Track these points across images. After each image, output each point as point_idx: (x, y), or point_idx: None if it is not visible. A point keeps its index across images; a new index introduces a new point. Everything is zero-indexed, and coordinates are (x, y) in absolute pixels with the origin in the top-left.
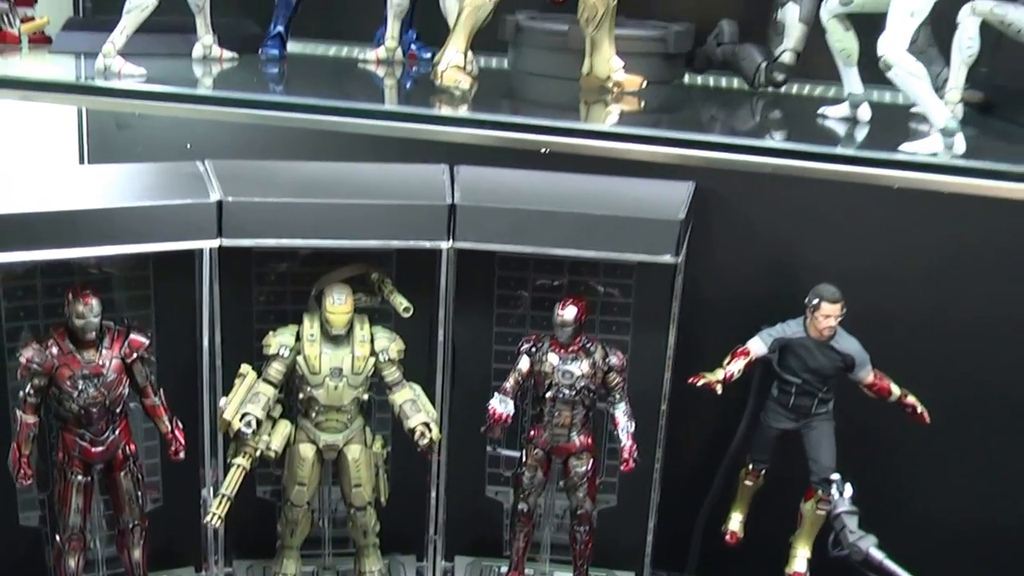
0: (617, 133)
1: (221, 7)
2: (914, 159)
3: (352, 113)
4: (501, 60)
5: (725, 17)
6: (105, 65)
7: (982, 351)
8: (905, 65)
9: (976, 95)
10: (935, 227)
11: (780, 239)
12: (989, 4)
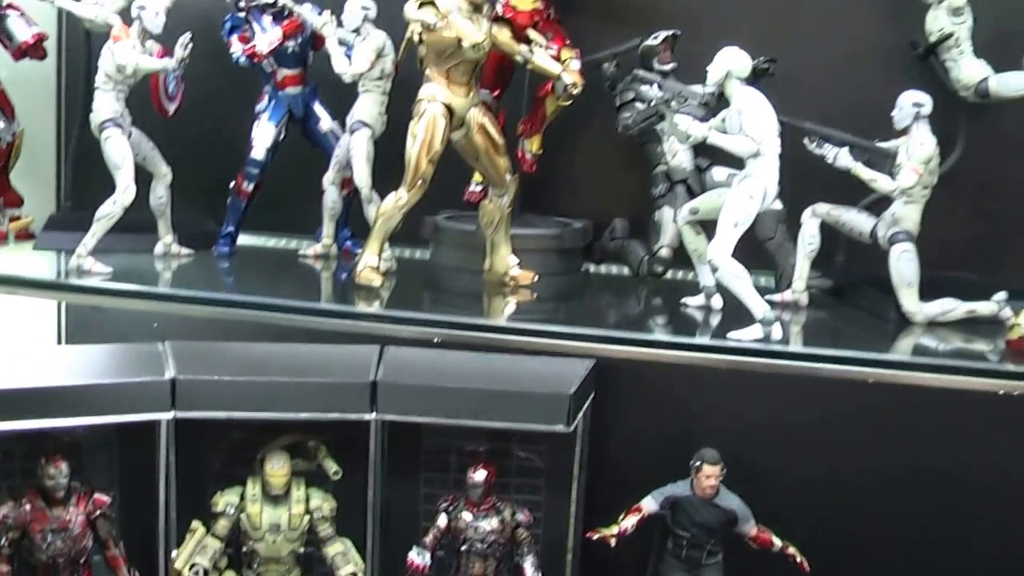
0: (504, 327)
1: (182, 204)
2: (737, 345)
3: (286, 310)
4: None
5: (619, 216)
6: (78, 265)
7: (852, 505)
8: (729, 268)
9: (826, 283)
10: (804, 393)
11: (676, 405)
12: (826, 207)
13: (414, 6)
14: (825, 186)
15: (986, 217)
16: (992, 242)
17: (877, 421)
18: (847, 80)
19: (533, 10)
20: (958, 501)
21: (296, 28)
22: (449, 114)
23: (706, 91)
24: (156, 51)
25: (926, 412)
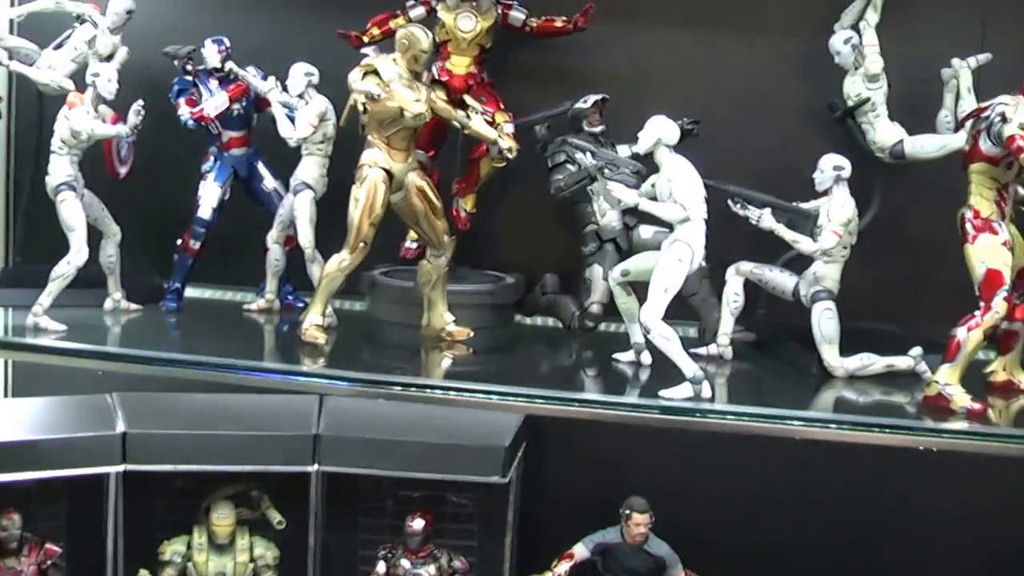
0: (440, 386)
1: (130, 259)
2: (668, 404)
3: (231, 368)
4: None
5: (550, 271)
6: (35, 323)
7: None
8: (659, 330)
9: (748, 336)
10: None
11: (606, 455)
12: (749, 266)
13: (358, 76)
14: (748, 243)
15: (904, 270)
16: (910, 294)
17: (806, 472)
18: (770, 140)
19: (468, 74)
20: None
21: (242, 92)
22: (389, 178)
23: (635, 161)
24: (109, 116)
25: (852, 463)
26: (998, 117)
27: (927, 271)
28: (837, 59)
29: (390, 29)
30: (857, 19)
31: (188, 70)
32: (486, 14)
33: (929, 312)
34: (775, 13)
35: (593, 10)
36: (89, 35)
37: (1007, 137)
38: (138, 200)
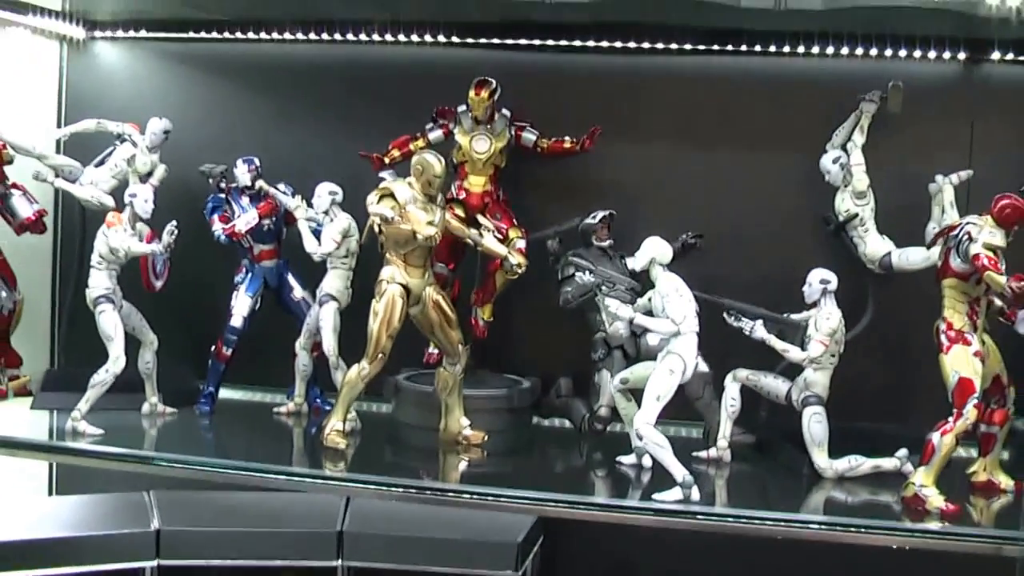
0: (456, 490)
1: (167, 360)
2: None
3: (261, 471)
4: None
5: (563, 375)
6: (73, 427)
7: None
8: (651, 437)
9: (748, 439)
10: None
11: (618, 550)
12: (745, 372)
13: (374, 199)
14: (746, 351)
15: (895, 372)
16: (902, 395)
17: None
18: (770, 251)
19: (484, 192)
20: None
21: (271, 210)
22: (407, 293)
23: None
24: (146, 234)
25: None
26: (965, 236)
27: (917, 373)
28: (827, 177)
29: (410, 151)
30: (846, 139)
31: (221, 188)
32: (500, 136)
33: (921, 411)
34: (774, 130)
35: (599, 132)
36: (129, 154)
37: (972, 255)
38: (175, 307)
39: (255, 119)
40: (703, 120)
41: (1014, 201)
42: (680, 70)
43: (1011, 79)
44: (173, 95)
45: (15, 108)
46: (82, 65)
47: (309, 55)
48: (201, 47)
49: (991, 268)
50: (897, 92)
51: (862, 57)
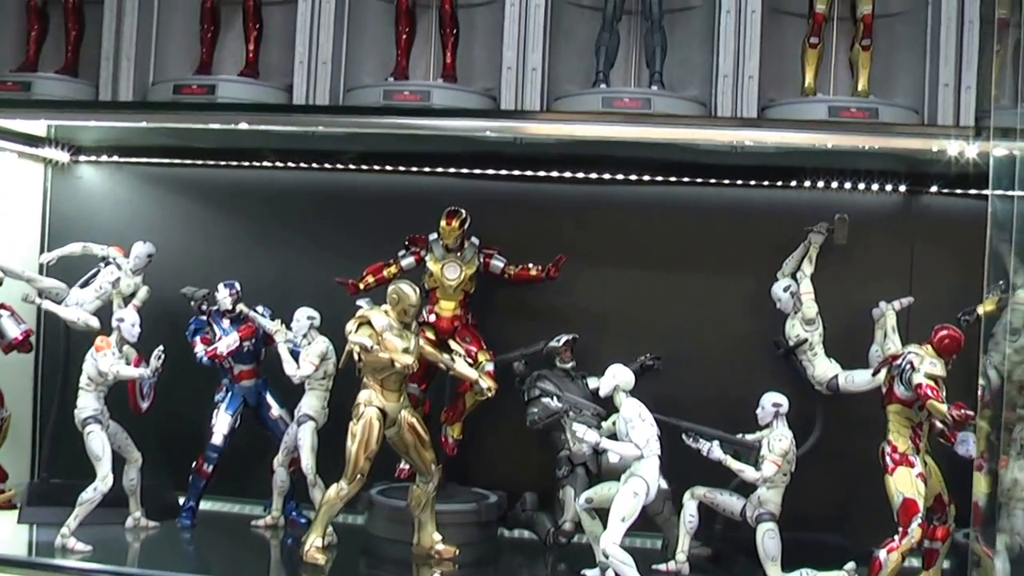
0: None
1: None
2: None
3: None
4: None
5: (529, 489)
6: (62, 544)
7: None
8: (617, 556)
9: (705, 551)
10: None
11: None
12: (703, 490)
13: (353, 327)
14: (703, 469)
15: (844, 487)
16: (851, 508)
17: None
18: (723, 372)
19: (454, 316)
20: None
21: (251, 332)
22: (383, 416)
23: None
24: (133, 357)
25: None
26: (908, 365)
27: (862, 488)
28: (778, 304)
29: (383, 277)
30: (795, 268)
31: (203, 310)
32: (469, 263)
33: (865, 524)
34: (727, 257)
35: (564, 261)
36: (113, 276)
37: (915, 384)
38: (158, 424)
39: (234, 242)
40: (661, 247)
41: (952, 332)
42: (640, 199)
43: (949, 209)
44: (155, 218)
45: (2, 229)
46: (66, 187)
47: (287, 181)
48: (182, 172)
49: (933, 397)
50: (843, 224)
51: (810, 189)
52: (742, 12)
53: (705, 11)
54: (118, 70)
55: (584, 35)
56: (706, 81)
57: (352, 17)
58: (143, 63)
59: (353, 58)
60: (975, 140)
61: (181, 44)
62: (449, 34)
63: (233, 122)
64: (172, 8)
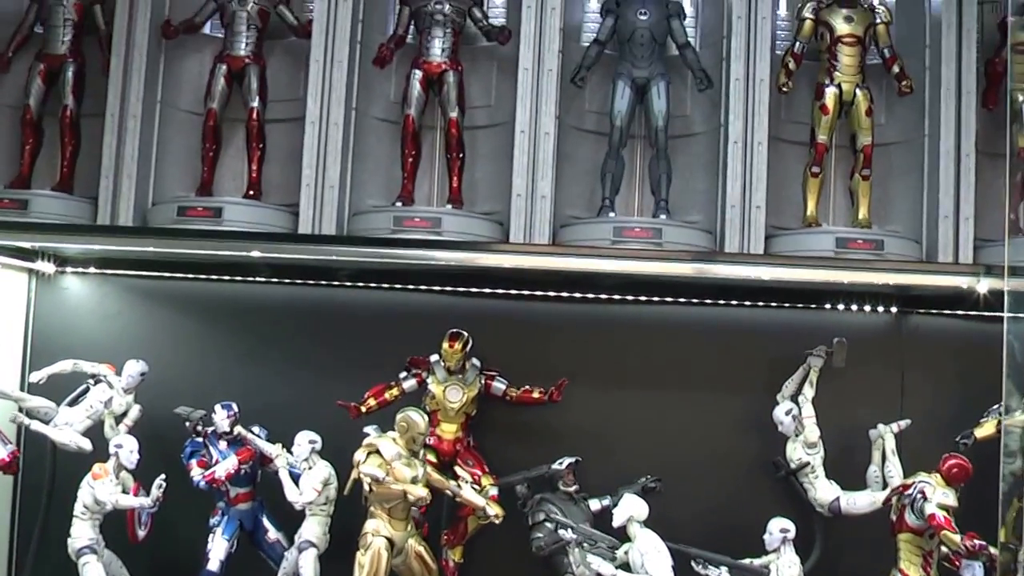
0: None
1: None
2: None
3: None
4: None
5: None
6: None
7: None
8: None
9: None
10: None
11: None
12: None
13: (362, 457)
14: None
15: None
16: None
17: None
18: (723, 493)
19: (456, 439)
20: None
21: (250, 456)
22: (390, 545)
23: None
24: (132, 485)
25: None
26: (920, 495)
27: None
28: (780, 428)
29: (385, 400)
30: (795, 391)
31: (199, 432)
32: (471, 386)
33: None
34: (722, 376)
35: (567, 384)
36: (105, 396)
37: (928, 514)
38: (151, 549)
39: (228, 359)
40: (659, 366)
41: (960, 461)
42: (639, 319)
43: (939, 330)
44: (144, 332)
45: None
46: (51, 299)
47: (283, 296)
48: (173, 285)
49: (947, 527)
50: (842, 348)
51: (802, 309)
52: (748, 143)
53: (708, 137)
54: (118, 188)
55: (587, 159)
56: (710, 207)
57: (358, 139)
58: (143, 181)
59: (358, 181)
60: (986, 277)
61: (181, 162)
62: (455, 158)
63: (243, 250)
64: (173, 126)
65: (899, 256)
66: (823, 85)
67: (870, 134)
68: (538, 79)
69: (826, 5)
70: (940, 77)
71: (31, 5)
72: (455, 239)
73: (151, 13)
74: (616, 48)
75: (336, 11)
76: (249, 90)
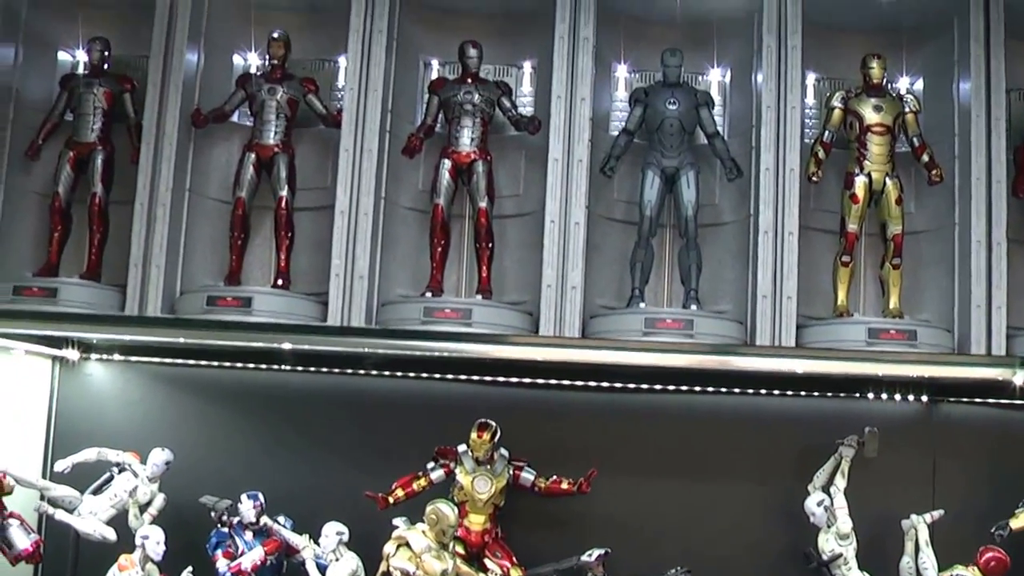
0: None
1: None
2: None
3: None
4: None
5: None
6: None
7: None
8: None
9: None
10: None
11: None
12: None
13: (392, 549)
14: None
15: None
16: None
17: None
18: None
19: (484, 530)
20: None
21: (277, 547)
22: None
23: None
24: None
25: None
26: None
27: None
28: (812, 519)
29: (413, 491)
30: (827, 482)
31: (224, 522)
32: (500, 476)
33: None
34: (751, 464)
35: (596, 475)
36: (131, 485)
37: None
38: None
39: (253, 447)
40: (687, 454)
41: (998, 554)
42: (667, 407)
43: (971, 418)
44: (169, 419)
45: (6, 426)
46: (74, 385)
47: (308, 384)
48: (197, 371)
49: None
50: (873, 438)
51: (831, 398)
52: (779, 233)
53: (737, 227)
54: (146, 277)
55: (615, 247)
56: (740, 295)
57: (387, 228)
58: (171, 269)
59: (387, 270)
60: (1021, 368)
61: (209, 249)
62: (484, 248)
63: (274, 342)
64: (201, 214)
65: (931, 346)
66: (853, 174)
67: (900, 223)
68: (568, 170)
69: (855, 94)
70: (970, 166)
71: (61, 93)
72: (486, 331)
73: (181, 102)
74: (645, 137)
75: (365, 101)
76: (278, 179)
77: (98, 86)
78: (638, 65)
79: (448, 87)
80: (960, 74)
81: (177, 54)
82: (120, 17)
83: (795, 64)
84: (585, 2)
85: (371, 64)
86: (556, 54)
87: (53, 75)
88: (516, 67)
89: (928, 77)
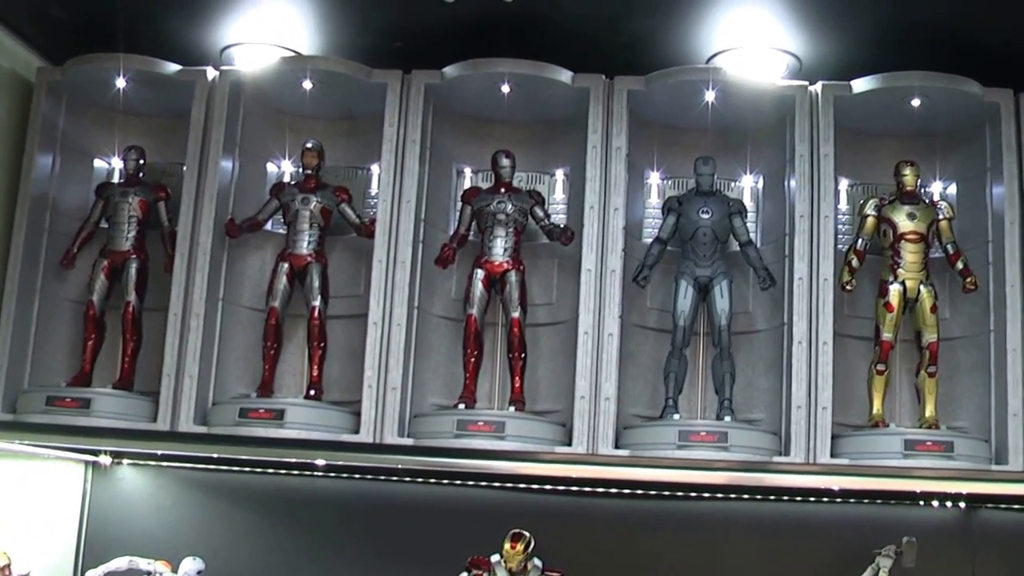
0: None
1: None
2: None
3: None
4: None
5: None
6: None
7: None
8: None
9: None
10: None
11: None
12: None
13: None
14: None
15: None
16: None
17: None
18: None
19: None
20: None
21: None
22: None
23: None
24: None
25: None
26: None
27: None
28: None
29: None
30: None
31: None
32: None
33: None
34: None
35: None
36: None
37: None
38: None
39: (286, 554)
40: (726, 563)
41: None
42: (704, 515)
43: (1009, 524)
44: (201, 526)
45: (38, 532)
46: (106, 489)
47: (340, 491)
48: (230, 478)
49: None
50: (911, 548)
51: (868, 504)
52: (813, 343)
53: (770, 335)
54: (179, 387)
55: (648, 356)
56: (774, 404)
57: (419, 337)
58: (204, 379)
59: (420, 379)
60: None
61: (242, 358)
62: (517, 358)
63: (307, 458)
64: (234, 323)
65: (968, 457)
66: (887, 282)
67: (935, 331)
68: (601, 280)
69: (888, 202)
70: (1004, 272)
71: (96, 202)
72: (519, 444)
73: (215, 211)
74: (678, 245)
75: (399, 210)
76: (311, 288)
77: (133, 195)
78: (670, 172)
79: (481, 196)
80: (993, 181)
81: (212, 163)
82: (156, 125)
83: (828, 173)
84: (618, 111)
85: (404, 173)
86: (589, 163)
87: (89, 183)
88: (548, 174)
89: (961, 183)
